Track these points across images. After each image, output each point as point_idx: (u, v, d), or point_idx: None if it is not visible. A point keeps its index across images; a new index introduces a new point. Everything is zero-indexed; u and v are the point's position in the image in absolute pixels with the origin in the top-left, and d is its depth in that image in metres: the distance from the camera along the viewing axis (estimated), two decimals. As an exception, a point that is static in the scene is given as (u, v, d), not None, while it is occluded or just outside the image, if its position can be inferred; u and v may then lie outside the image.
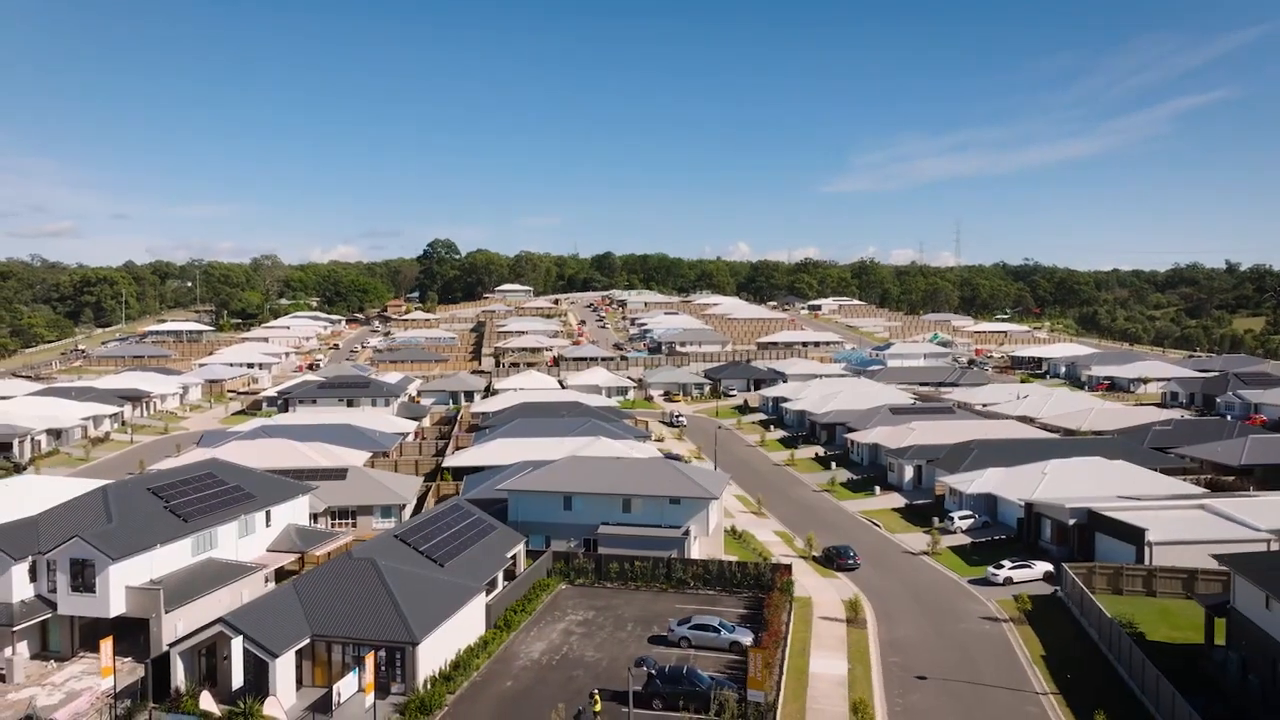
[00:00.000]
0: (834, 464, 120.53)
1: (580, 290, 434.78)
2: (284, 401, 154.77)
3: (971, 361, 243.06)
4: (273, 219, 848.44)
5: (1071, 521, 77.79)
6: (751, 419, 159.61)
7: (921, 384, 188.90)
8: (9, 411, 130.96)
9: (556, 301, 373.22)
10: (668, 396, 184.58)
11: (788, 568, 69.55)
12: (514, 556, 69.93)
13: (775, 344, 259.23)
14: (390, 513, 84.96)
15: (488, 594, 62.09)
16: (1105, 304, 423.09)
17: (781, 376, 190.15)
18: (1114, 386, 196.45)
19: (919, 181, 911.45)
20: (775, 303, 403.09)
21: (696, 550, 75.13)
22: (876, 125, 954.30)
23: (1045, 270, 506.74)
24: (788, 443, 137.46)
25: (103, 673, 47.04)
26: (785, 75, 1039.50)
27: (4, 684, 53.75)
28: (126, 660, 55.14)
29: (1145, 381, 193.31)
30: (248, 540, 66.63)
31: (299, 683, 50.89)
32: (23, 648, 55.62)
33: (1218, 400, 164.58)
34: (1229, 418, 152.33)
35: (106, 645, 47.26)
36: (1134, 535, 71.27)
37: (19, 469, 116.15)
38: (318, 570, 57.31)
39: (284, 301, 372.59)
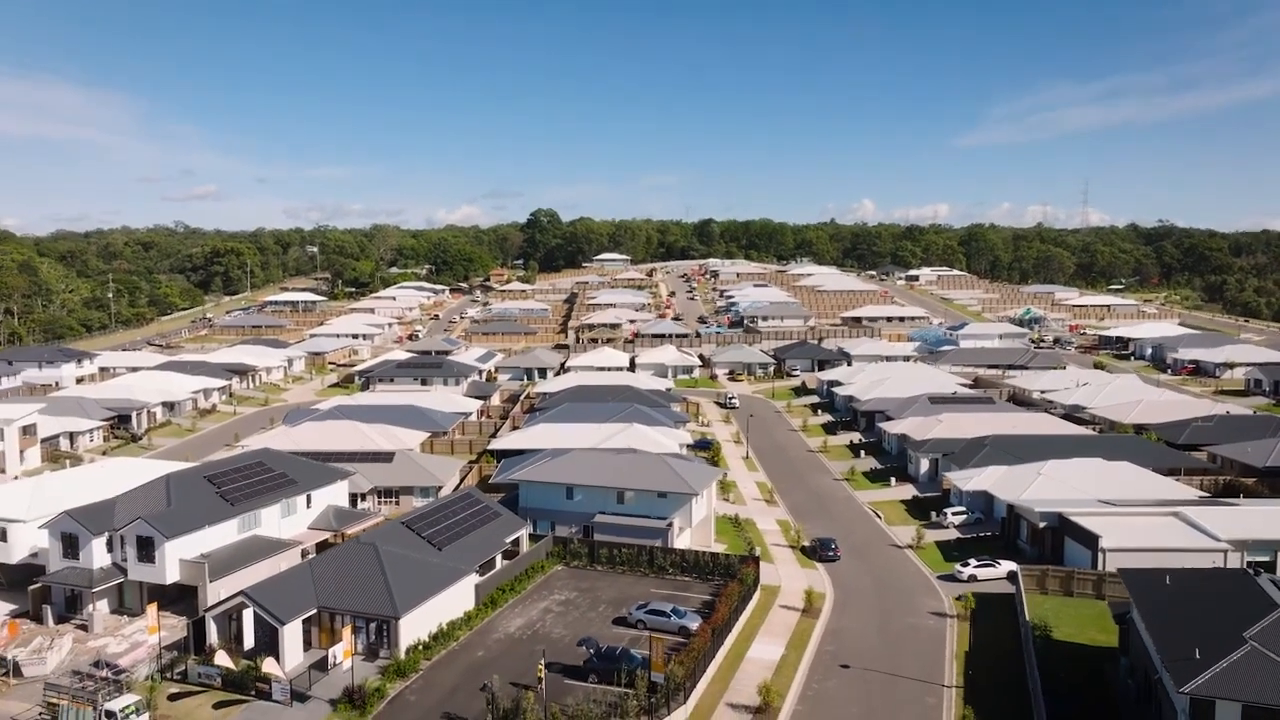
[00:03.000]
0: (863, 452, 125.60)
1: (679, 259, 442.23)
2: (365, 380, 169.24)
3: (1057, 340, 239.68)
4: (401, 180, 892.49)
5: (1043, 524, 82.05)
6: (803, 401, 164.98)
7: (990, 366, 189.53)
8: (131, 385, 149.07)
9: (651, 273, 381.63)
10: (732, 376, 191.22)
11: (755, 559, 76.87)
12: (515, 540, 79.56)
13: (860, 319, 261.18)
14: (428, 493, 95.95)
15: (482, 574, 71.93)
16: (1237, 272, 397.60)
17: (846, 357, 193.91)
18: (1199, 370, 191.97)
19: (1062, 133, 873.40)
20: (874, 272, 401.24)
21: (687, 539, 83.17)
22: (1018, 73, 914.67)
23: (1179, 233, 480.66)
24: (829, 428, 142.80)
25: (149, 630, 59.13)
26: (919, 21, 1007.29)
27: (87, 633, 66.88)
28: (181, 619, 67.37)
29: (1231, 366, 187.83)
30: (290, 520, 78.44)
31: (307, 645, 61.85)
32: (102, 605, 68.70)
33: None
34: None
35: (152, 609, 59.30)
36: (1089, 540, 75.37)
37: (135, 439, 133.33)
38: (331, 551, 68.40)
39: (394, 270, 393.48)
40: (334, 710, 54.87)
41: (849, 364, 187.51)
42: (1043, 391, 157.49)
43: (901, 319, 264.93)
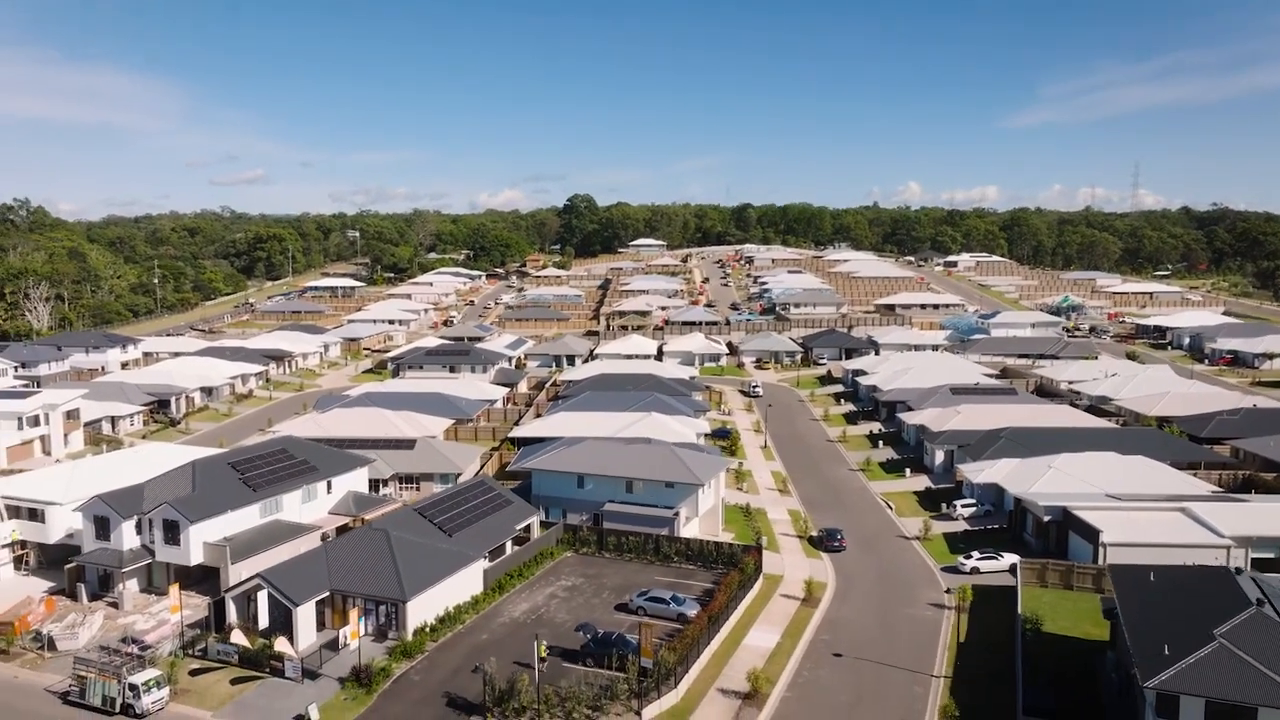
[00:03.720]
0: (882, 443, 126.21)
1: (716, 244, 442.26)
2: (395, 367, 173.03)
3: (1093, 328, 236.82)
4: (444, 164, 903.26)
5: (1047, 518, 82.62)
6: (827, 390, 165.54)
7: (1020, 356, 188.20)
8: (171, 371, 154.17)
9: (686, 259, 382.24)
10: (759, 364, 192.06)
11: (758, 549, 78.52)
12: (527, 527, 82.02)
13: (893, 306, 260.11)
14: (447, 479, 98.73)
15: (491, 560, 74.51)
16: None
17: (874, 346, 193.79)
18: (1237, 361, 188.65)
19: (1115, 113, 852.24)
20: (912, 258, 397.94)
21: (694, 528, 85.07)
22: (1070, 52, 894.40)
23: (1234, 216, 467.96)
24: (851, 418, 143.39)
25: (171, 609, 62.53)
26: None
27: (117, 610, 70.66)
28: (205, 598, 70.81)
29: (1271, 357, 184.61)
30: (311, 505, 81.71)
31: (320, 626, 64.90)
32: (132, 584, 72.44)
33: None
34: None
35: (174, 589, 62.67)
36: (1091, 535, 75.93)
37: (174, 423, 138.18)
38: (345, 536, 71.37)
39: (432, 256, 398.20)
40: (342, 688, 57.80)
41: (876, 353, 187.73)
42: (1070, 382, 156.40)
43: (936, 306, 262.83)
